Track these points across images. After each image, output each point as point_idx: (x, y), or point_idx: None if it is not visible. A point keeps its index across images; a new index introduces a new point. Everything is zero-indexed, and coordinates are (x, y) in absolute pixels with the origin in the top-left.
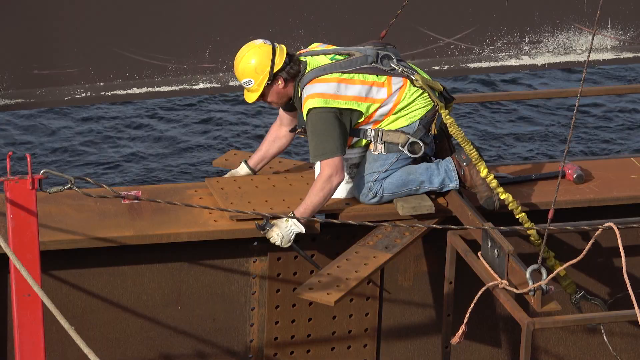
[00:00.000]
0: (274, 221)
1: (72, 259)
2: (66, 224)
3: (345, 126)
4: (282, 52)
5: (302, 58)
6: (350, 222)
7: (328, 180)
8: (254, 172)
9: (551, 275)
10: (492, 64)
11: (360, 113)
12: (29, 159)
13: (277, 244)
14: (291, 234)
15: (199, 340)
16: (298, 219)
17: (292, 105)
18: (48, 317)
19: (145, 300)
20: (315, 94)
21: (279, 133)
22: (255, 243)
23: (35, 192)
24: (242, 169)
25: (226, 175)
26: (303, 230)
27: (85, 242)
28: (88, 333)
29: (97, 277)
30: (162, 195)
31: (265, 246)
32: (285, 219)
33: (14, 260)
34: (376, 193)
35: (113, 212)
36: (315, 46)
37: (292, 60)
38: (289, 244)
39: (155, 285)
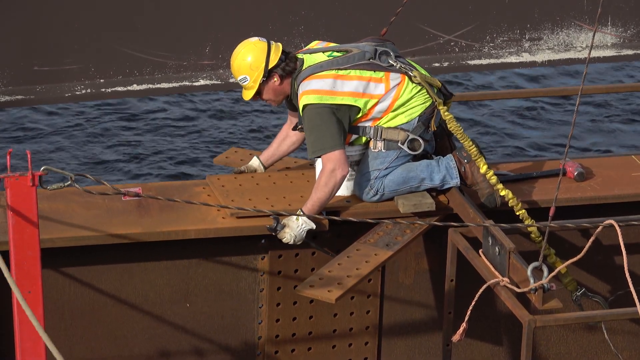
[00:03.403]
0: (284, 221)
1: (80, 256)
2: (74, 221)
3: (343, 122)
4: (277, 49)
5: (300, 55)
6: (351, 219)
7: (331, 175)
8: (265, 167)
9: (552, 274)
10: (492, 61)
11: (357, 109)
12: (29, 156)
13: (290, 243)
14: (303, 232)
15: (207, 338)
16: (307, 216)
17: (291, 103)
18: (54, 315)
19: (153, 298)
20: (311, 91)
21: (289, 132)
22: (263, 241)
23: (35, 189)
24: (254, 162)
25: (239, 169)
26: (314, 226)
27: (93, 239)
28: (96, 330)
29: (105, 274)
30: (170, 192)
31: (271, 243)
32: (295, 217)
33: (17, 294)
34: (377, 191)
35: (121, 210)
36: (314, 44)
37: (287, 57)
38: (301, 242)
39: (163, 283)
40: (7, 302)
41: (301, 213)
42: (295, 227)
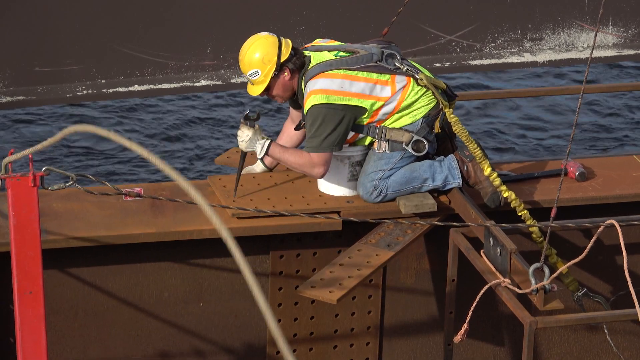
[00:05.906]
0: (256, 129)
1: (94, 256)
2: (88, 221)
3: (345, 124)
4: (287, 43)
5: (306, 52)
6: (353, 219)
7: (311, 166)
8: (269, 169)
9: (554, 275)
10: (493, 61)
11: (363, 110)
12: (30, 157)
13: (239, 139)
14: (253, 147)
15: (220, 337)
16: (268, 147)
17: (296, 101)
18: (68, 315)
19: (167, 297)
20: (320, 90)
21: (290, 131)
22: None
23: (36, 189)
24: (258, 167)
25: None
26: (261, 155)
27: (107, 239)
28: (110, 330)
29: (119, 274)
30: (183, 192)
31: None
32: (264, 141)
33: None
34: (381, 191)
35: (135, 210)
36: (318, 41)
37: (297, 52)
38: (244, 151)
39: (177, 282)
40: (9, 302)
41: (267, 142)
42: (255, 140)
